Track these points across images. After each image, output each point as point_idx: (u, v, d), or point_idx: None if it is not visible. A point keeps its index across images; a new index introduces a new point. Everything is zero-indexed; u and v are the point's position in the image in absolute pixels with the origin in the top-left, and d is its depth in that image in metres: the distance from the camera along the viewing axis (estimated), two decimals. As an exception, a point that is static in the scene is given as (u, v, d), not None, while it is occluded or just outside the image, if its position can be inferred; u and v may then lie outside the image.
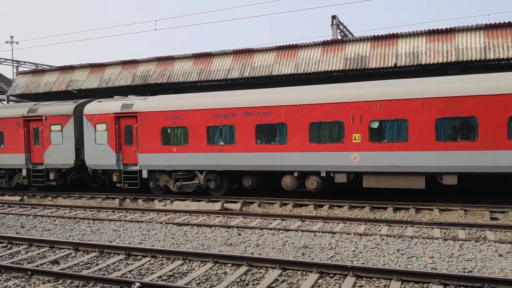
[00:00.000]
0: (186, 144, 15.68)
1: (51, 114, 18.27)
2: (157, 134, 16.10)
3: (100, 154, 17.14)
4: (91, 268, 8.20)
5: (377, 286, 6.72)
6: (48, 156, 18.31)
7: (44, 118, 18.29)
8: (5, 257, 9.12)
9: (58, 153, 18.07)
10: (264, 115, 14.52)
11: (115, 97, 18.38)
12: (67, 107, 18.16)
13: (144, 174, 16.52)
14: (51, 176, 18.41)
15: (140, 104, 16.52)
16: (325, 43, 18.58)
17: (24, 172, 18.97)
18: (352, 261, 8.14)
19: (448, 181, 12.80)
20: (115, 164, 16.89)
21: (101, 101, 17.80)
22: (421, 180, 13.04)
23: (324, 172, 13.96)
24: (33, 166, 18.82)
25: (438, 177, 13.01)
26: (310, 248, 9.16)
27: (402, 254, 8.49)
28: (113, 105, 17.08)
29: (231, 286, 6.93)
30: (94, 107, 17.52)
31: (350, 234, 10.25)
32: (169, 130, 15.92)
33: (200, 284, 7.11)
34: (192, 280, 7.29)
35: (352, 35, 26.82)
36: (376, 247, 9.06)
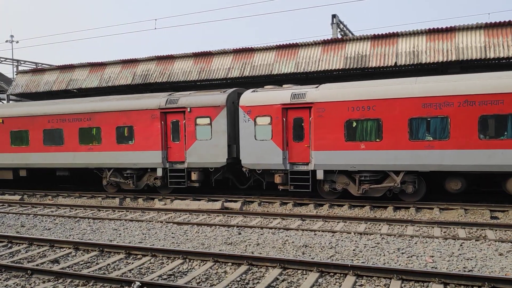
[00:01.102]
0: (379, 140, 13.47)
1: (198, 106, 15.87)
2: (339, 128, 13.85)
3: (262, 152, 14.86)
4: (91, 267, 8.20)
5: (378, 285, 6.72)
6: (192, 154, 15.97)
7: (188, 110, 15.96)
8: (5, 256, 9.12)
9: (206, 150, 15.79)
10: (491, 105, 12.25)
11: (284, 85, 15.93)
12: (219, 96, 15.77)
13: (319, 175, 14.13)
14: (194, 177, 16.08)
15: (316, 93, 14.27)
16: (325, 42, 18.56)
17: (159, 172, 16.54)
18: (352, 260, 8.14)
19: None
20: (281, 163, 14.61)
21: (256, 91, 15.51)
22: None
23: None
24: (170, 165, 16.52)
25: None
26: (310, 247, 9.16)
27: (403, 253, 8.49)
28: (280, 95, 14.80)
29: (231, 285, 6.93)
30: (253, 97, 15.14)
31: (350, 233, 10.25)
32: (355, 123, 13.68)
33: (200, 283, 7.11)
34: (192, 279, 7.29)
35: (352, 34, 26.83)
36: (376, 246, 9.06)
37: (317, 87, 14.71)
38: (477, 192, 15.30)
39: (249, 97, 15.21)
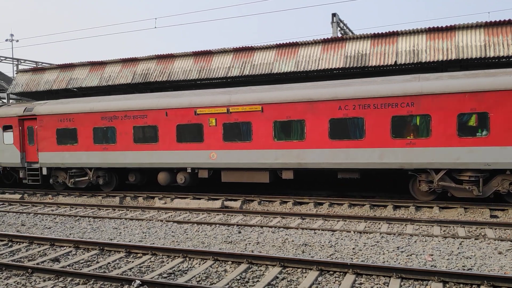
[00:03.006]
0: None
1: None
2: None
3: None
4: (91, 266, 8.22)
5: (377, 284, 6.74)
6: None
7: None
8: (6, 255, 9.14)
9: None
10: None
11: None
12: None
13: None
14: None
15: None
16: (325, 41, 18.56)
17: None
18: (352, 258, 8.16)
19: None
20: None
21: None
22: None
23: None
24: None
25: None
26: (310, 245, 9.18)
27: (402, 251, 8.50)
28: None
29: (231, 284, 6.95)
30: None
31: (350, 231, 10.27)
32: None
33: (200, 282, 7.13)
34: (192, 277, 7.31)
35: (352, 33, 26.81)
36: (376, 244, 9.08)
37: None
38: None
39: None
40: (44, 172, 18.15)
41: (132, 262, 8.36)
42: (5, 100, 27.39)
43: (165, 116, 15.66)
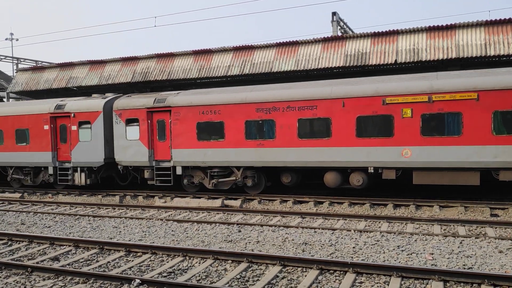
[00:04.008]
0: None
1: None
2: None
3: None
4: (91, 264, 8.21)
5: (377, 283, 6.72)
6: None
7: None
8: (6, 254, 9.13)
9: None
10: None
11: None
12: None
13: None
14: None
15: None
16: (325, 40, 18.53)
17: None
18: (352, 257, 8.15)
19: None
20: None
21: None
22: None
23: None
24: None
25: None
26: (310, 244, 9.17)
27: (402, 250, 8.49)
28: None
29: (231, 283, 6.94)
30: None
31: (350, 230, 10.26)
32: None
33: (200, 281, 7.12)
34: (192, 276, 7.30)
35: (352, 31, 26.77)
36: (376, 243, 9.07)
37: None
38: (477, 189, 15.31)
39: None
40: (179, 171, 15.97)
41: (132, 261, 8.34)
42: (5, 100, 27.36)
43: (341, 106, 13.52)
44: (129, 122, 16.64)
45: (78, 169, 17.63)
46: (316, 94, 13.89)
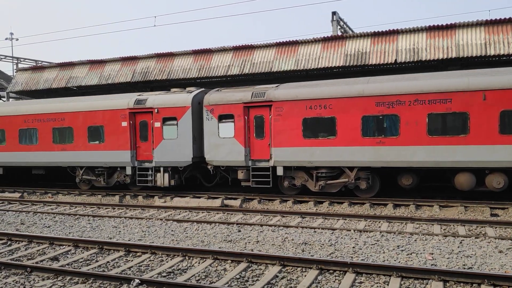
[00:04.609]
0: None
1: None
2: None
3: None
4: (90, 264, 8.20)
5: (377, 283, 6.71)
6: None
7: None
8: (5, 254, 9.12)
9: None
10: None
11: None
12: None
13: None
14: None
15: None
16: (325, 39, 18.52)
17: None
18: (352, 257, 8.14)
19: None
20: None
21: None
22: None
23: None
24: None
25: None
26: (310, 244, 9.16)
27: (402, 250, 8.48)
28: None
29: (231, 283, 6.93)
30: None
31: (350, 230, 10.25)
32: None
33: (199, 281, 7.11)
34: (192, 276, 7.29)
35: (352, 31, 26.77)
36: (376, 243, 9.06)
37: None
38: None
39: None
40: (279, 172, 14.51)
41: (132, 261, 8.33)
42: (4, 99, 27.35)
43: (481, 99, 12.28)
44: (222, 118, 15.22)
45: (161, 169, 16.18)
46: (449, 86, 12.56)
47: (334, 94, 13.77)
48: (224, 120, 15.27)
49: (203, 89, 16.72)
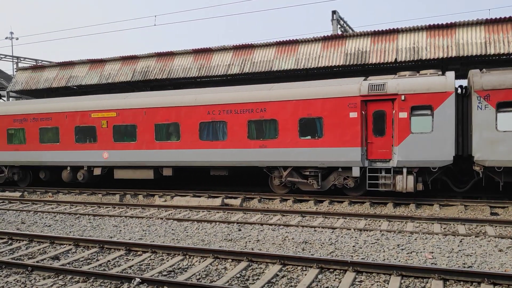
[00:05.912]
0: None
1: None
2: None
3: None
4: (91, 263, 8.22)
5: (377, 281, 6.73)
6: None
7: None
8: (6, 253, 9.13)
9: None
10: None
11: None
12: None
13: None
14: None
15: None
16: (325, 39, 18.53)
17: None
18: (352, 256, 8.15)
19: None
20: None
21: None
22: None
23: None
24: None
25: None
26: (310, 243, 9.17)
27: (402, 249, 8.50)
28: None
29: (231, 282, 6.94)
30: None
31: (350, 229, 10.26)
32: None
33: (200, 280, 7.12)
34: (192, 275, 7.30)
35: (352, 30, 26.76)
36: (376, 242, 9.07)
37: None
38: (477, 188, 15.29)
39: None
40: None
41: (132, 260, 8.35)
42: (4, 98, 27.36)
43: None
44: (502, 106, 12.31)
45: (404, 170, 13.28)
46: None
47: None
48: (505, 109, 12.36)
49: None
